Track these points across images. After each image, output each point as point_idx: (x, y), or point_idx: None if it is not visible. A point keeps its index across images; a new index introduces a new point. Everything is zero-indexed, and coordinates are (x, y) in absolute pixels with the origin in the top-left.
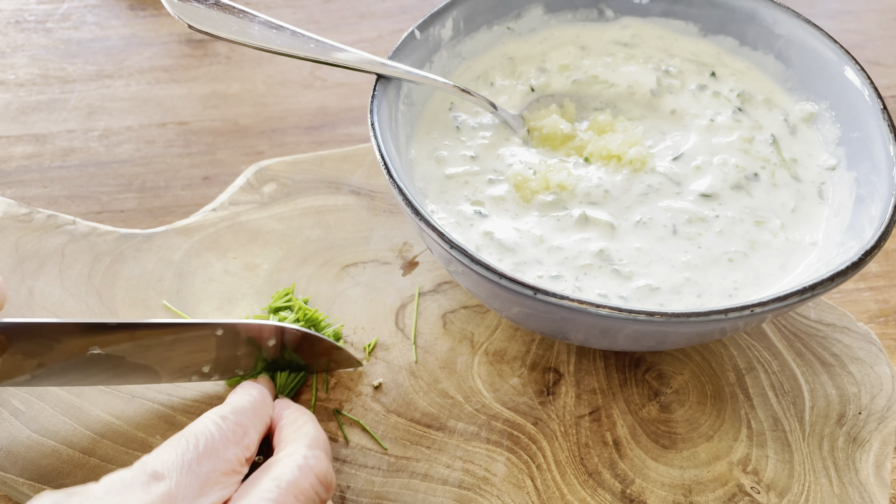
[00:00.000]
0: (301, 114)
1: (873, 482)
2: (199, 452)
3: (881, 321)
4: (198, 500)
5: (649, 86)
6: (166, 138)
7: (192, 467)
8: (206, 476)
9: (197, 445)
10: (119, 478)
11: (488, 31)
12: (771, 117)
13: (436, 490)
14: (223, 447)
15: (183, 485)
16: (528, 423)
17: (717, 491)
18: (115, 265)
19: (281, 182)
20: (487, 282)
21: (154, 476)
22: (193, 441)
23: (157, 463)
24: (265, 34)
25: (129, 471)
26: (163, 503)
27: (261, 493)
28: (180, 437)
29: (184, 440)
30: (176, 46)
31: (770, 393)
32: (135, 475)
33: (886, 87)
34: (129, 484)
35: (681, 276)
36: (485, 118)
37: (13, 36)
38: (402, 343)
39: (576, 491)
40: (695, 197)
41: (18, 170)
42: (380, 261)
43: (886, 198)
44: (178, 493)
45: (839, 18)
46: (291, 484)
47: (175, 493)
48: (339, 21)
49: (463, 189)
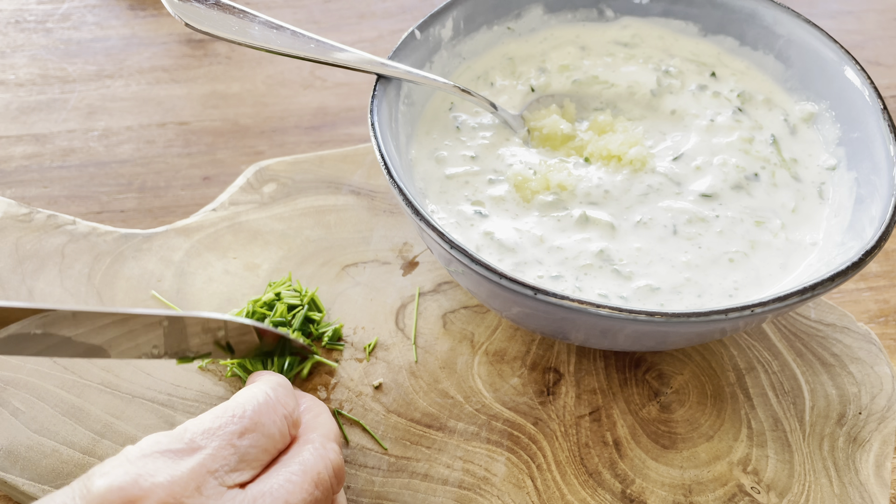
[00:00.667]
0: (301, 114)
1: (873, 482)
2: (244, 426)
3: (881, 321)
4: (231, 474)
5: (649, 86)
6: (166, 138)
7: (233, 440)
8: (245, 451)
9: (243, 417)
10: (155, 441)
11: (488, 31)
12: (771, 117)
13: (436, 490)
14: (269, 421)
15: (219, 457)
16: (528, 423)
17: (717, 491)
18: (115, 265)
19: (281, 182)
20: (487, 282)
21: (191, 444)
22: (240, 412)
23: (198, 431)
24: (265, 34)
25: (168, 435)
26: (193, 476)
27: (286, 474)
28: (226, 407)
29: (230, 411)
30: (176, 46)
31: (770, 393)
32: (171, 440)
33: (886, 87)
34: (163, 449)
35: (681, 277)
36: (485, 118)
37: (13, 36)
38: (402, 343)
39: (576, 491)
40: (695, 197)
41: (18, 170)
42: (380, 261)
43: (886, 198)
44: (212, 465)
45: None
46: (313, 469)
47: (209, 465)
48: (339, 21)
49: (463, 189)
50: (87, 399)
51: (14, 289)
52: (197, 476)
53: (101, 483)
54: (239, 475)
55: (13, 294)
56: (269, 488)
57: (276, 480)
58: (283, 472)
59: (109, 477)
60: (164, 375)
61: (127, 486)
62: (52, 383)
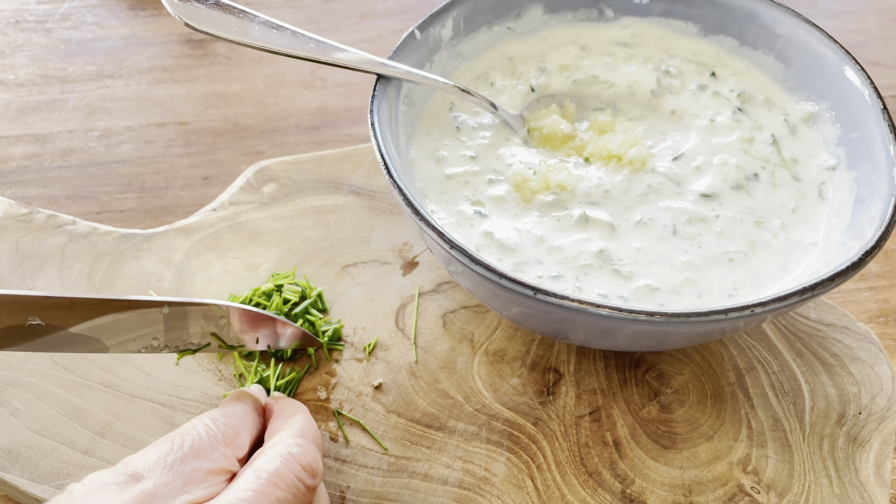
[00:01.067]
0: (301, 114)
1: (873, 482)
2: (184, 452)
3: (881, 321)
4: (178, 497)
5: (649, 86)
6: (166, 138)
7: (175, 466)
8: (190, 474)
9: (182, 445)
10: (98, 477)
11: (488, 31)
12: (771, 117)
13: (436, 490)
14: (210, 447)
15: (162, 484)
16: (528, 423)
17: (717, 491)
18: (115, 265)
19: (281, 182)
20: (487, 282)
21: (133, 476)
22: (179, 441)
23: (139, 463)
24: (265, 34)
25: (110, 471)
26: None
27: (242, 484)
28: (166, 438)
29: (169, 441)
30: (176, 46)
31: (770, 393)
32: (114, 475)
33: (886, 87)
34: (106, 483)
35: (681, 276)
36: (485, 118)
37: (13, 36)
38: (402, 343)
39: (576, 491)
40: (695, 197)
41: (18, 170)
42: (380, 261)
43: (886, 198)
44: (157, 492)
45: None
46: (272, 474)
47: (153, 492)
48: (339, 21)
49: (463, 189)
50: (87, 399)
51: (14, 289)
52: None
53: None
54: (189, 496)
55: None
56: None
57: (229, 494)
58: (238, 482)
59: None
60: (164, 375)
61: None
62: (52, 383)
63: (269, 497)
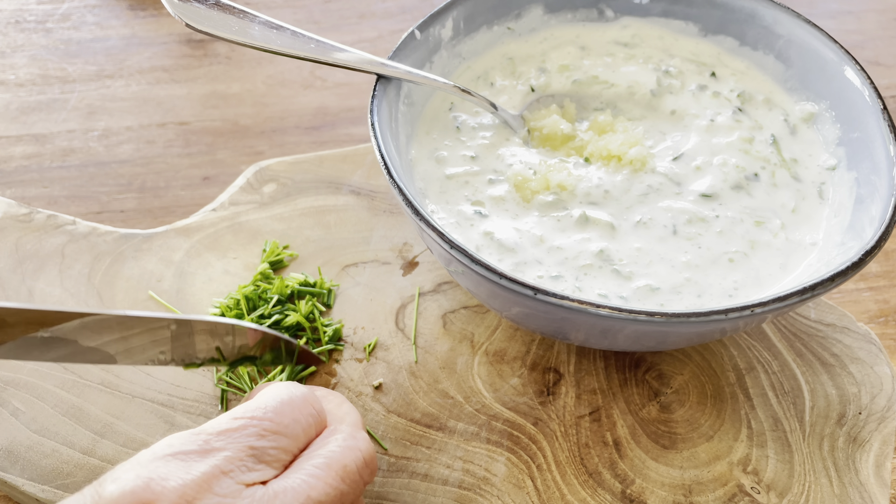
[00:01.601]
0: (301, 114)
1: (873, 482)
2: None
3: (881, 321)
4: (248, 473)
5: (649, 86)
6: (166, 138)
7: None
8: (263, 450)
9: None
10: (168, 444)
11: (488, 31)
12: (771, 117)
13: (436, 490)
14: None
15: (234, 459)
16: (528, 423)
17: (717, 491)
18: (115, 265)
19: (281, 182)
20: (487, 282)
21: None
22: (260, 413)
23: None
24: (265, 34)
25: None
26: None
27: (309, 468)
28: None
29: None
30: (176, 46)
31: (770, 393)
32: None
33: (886, 87)
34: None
35: (681, 277)
36: (485, 118)
37: (13, 36)
38: (402, 343)
39: (576, 491)
40: (695, 197)
41: (18, 170)
42: (380, 261)
43: (886, 198)
44: (226, 466)
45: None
46: (338, 462)
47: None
48: (339, 21)
49: (463, 189)
50: (87, 399)
51: (14, 289)
52: (210, 478)
53: (112, 488)
54: (259, 474)
55: (13, 294)
56: (291, 484)
57: (298, 475)
58: (307, 465)
59: (120, 482)
60: (164, 375)
61: (138, 491)
62: (52, 383)
63: (334, 489)
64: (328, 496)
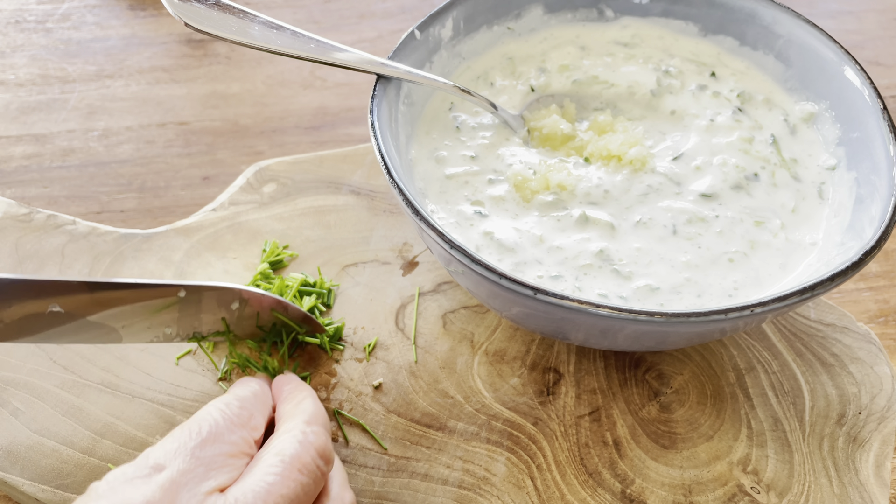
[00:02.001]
0: (301, 114)
1: (873, 482)
2: (203, 438)
3: (881, 321)
4: (203, 483)
5: (649, 86)
6: (166, 138)
7: (195, 453)
8: (211, 460)
9: (200, 432)
10: (121, 472)
11: (488, 31)
12: (771, 117)
13: (436, 490)
14: (228, 431)
15: (185, 471)
16: (528, 423)
17: (717, 491)
18: (115, 265)
19: (281, 182)
20: (487, 282)
21: (155, 467)
22: (196, 428)
23: (159, 454)
24: (265, 34)
25: (132, 465)
26: (165, 492)
27: (265, 468)
28: (183, 426)
29: (186, 429)
30: (176, 46)
31: (770, 393)
32: (137, 468)
33: (886, 87)
34: (130, 478)
35: (681, 277)
36: (485, 118)
37: (13, 36)
38: (402, 343)
39: (576, 491)
40: (695, 197)
41: (18, 170)
42: (380, 261)
43: (886, 198)
44: (181, 479)
45: (839, 18)
46: (294, 458)
47: (177, 479)
48: (339, 21)
49: (463, 189)
50: (87, 399)
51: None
52: (168, 491)
53: None
54: (211, 482)
55: None
56: (251, 486)
57: (255, 477)
58: (261, 466)
59: None
60: (164, 375)
61: None
62: (52, 383)
63: (293, 481)
64: (290, 489)
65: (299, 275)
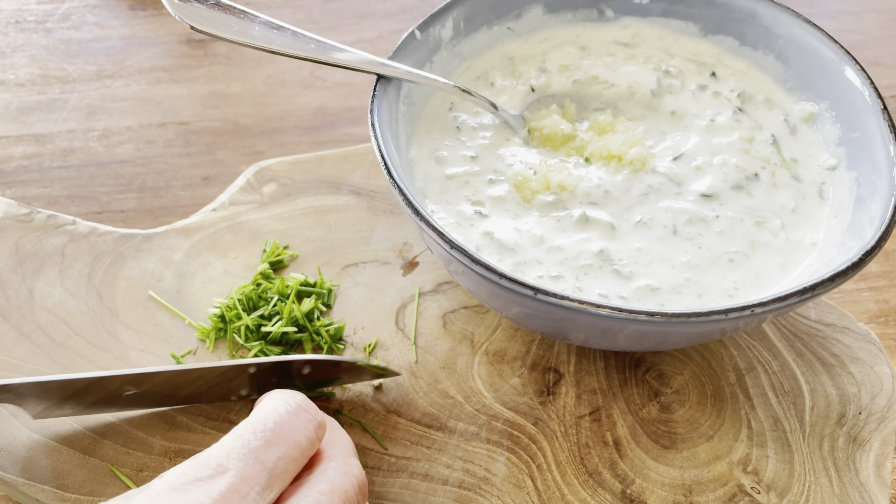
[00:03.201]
0: (301, 114)
1: (873, 482)
2: (268, 438)
3: (881, 321)
4: (264, 493)
5: (649, 86)
6: (166, 138)
7: (259, 455)
8: (274, 465)
9: (265, 430)
10: (181, 472)
11: (488, 31)
12: (771, 117)
13: (436, 490)
14: (294, 429)
15: (247, 477)
16: (528, 423)
17: (718, 491)
18: (115, 265)
19: (281, 182)
20: (487, 282)
21: (218, 469)
22: (260, 426)
23: (221, 454)
24: (266, 34)
25: (193, 464)
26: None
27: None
28: (248, 422)
29: (250, 426)
30: (176, 46)
31: (770, 393)
32: (198, 469)
33: (886, 87)
34: (192, 479)
35: (681, 277)
36: (485, 118)
37: (13, 36)
38: (402, 343)
39: (576, 491)
40: (695, 197)
41: (18, 170)
42: (380, 261)
43: (887, 198)
44: (242, 487)
45: (839, 18)
46: (339, 487)
47: (238, 487)
48: (339, 21)
49: (463, 189)
50: None
51: (14, 289)
52: (228, 500)
53: None
54: (270, 494)
55: (13, 294)
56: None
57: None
58: (312, 492)
59: None
60: None
61: None
62: None
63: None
64: None
65: (300, 275)
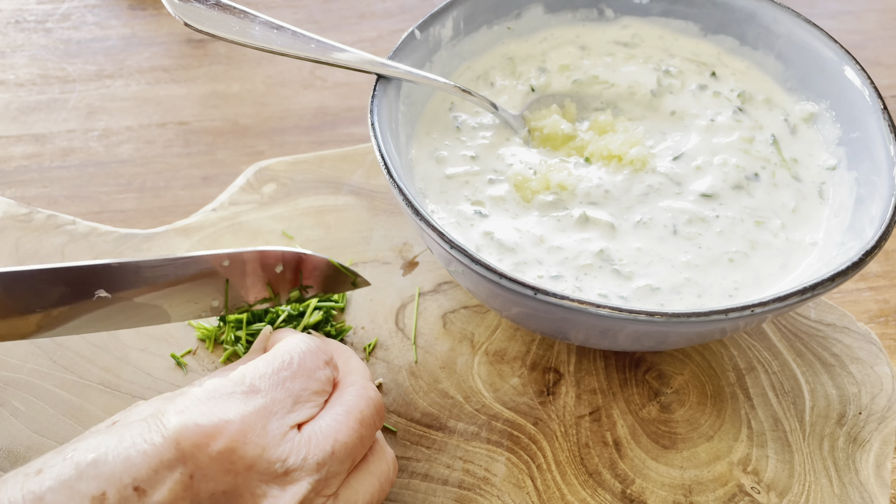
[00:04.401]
0: (301, 114)
1: (873, 482)
2: (294, 371)
3: (881, 321)
4: (289, 415)
5: (649, 86)
6: (166, 138)
7: (287, 385)
8: (298, 394)
9: (291, 363)
10: (220, 384)
11: (488, 31)
12: (771, 117)
13: (436, 490)
14: (314, 367)
15: (278, 400)
16: (528, 423)
17: (718, 491)
18: None
19: (281, 182)
20: (487, 282)
21: (252, 388)
22: (288, 359)
23: (255, 377)
24: (266, 34)
25: (228, 380)
26: (259, 416)
27: (333, 415)
28: (275, 353)
29: (279, 358)
30: (176, 46)
31: (770, 393)
32: (234, 385)
33: (886, 87)
34: (228, 391)
35: (681, 277)
36: (485, 118)
37: (13, 36)
38: (402, 343)
39: (576, 491)
40: (695, 197)
41: (18, 170)
42: (380, 261)
43: (887, 198)
44: (273, 408)
45: (839, 18)
46: (356, 408)
47: (270, 407)
48: (339, 21)
49: (463, 189)
50: (87, 399)
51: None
52: (262, 416)
53: (177, 420)
54: (295, 416)
55: None
56: (320, 428)
57: (324, 421)
58: (330, 412)
59: (185, 415)
60: (164, 375)
61: (203, 423)
62: (52, 383)
63: (355, 431)
64: (351, 438)
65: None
